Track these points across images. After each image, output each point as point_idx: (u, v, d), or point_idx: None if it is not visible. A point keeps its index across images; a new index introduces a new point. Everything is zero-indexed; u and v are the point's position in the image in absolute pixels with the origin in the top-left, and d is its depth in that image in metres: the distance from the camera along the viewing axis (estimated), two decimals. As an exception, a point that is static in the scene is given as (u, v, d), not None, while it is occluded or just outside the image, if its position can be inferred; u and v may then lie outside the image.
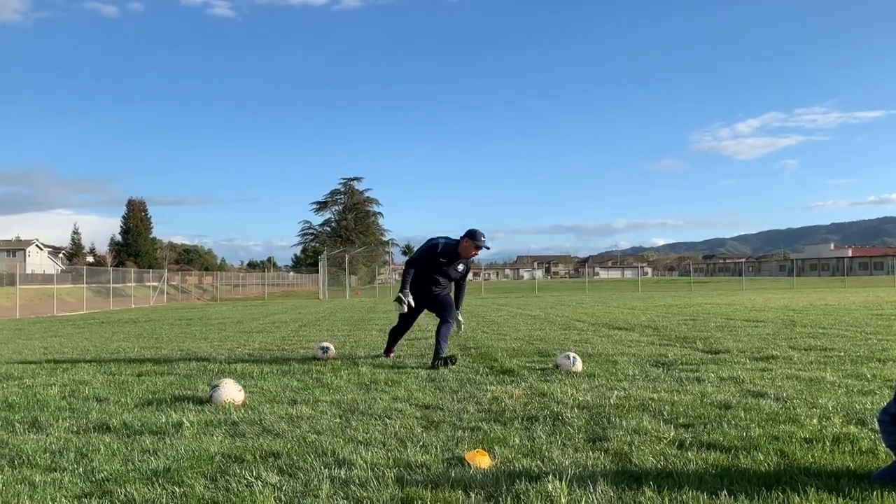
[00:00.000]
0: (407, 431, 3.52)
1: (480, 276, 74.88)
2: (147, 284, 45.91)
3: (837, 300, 17.48)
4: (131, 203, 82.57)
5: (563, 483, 2.57)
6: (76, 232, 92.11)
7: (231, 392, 4.39)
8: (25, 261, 72.03)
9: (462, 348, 7.37)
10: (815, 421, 3.52)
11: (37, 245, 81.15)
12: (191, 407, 4.29)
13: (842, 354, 6.21)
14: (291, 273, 78.84)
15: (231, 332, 10.94)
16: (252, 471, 2.86)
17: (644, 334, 8.77)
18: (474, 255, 6.29)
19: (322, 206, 74.89)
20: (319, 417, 3.93)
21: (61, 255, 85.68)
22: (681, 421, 3.61)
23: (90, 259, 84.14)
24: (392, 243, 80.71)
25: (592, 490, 2.51)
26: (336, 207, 75.17)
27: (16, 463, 3.11)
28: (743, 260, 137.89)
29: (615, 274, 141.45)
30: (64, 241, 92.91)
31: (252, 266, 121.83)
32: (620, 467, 2.82)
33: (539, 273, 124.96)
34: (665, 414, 3.79)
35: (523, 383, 4.94)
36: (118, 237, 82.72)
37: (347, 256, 42.36)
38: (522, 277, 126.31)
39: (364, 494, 2.54)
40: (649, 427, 3.46)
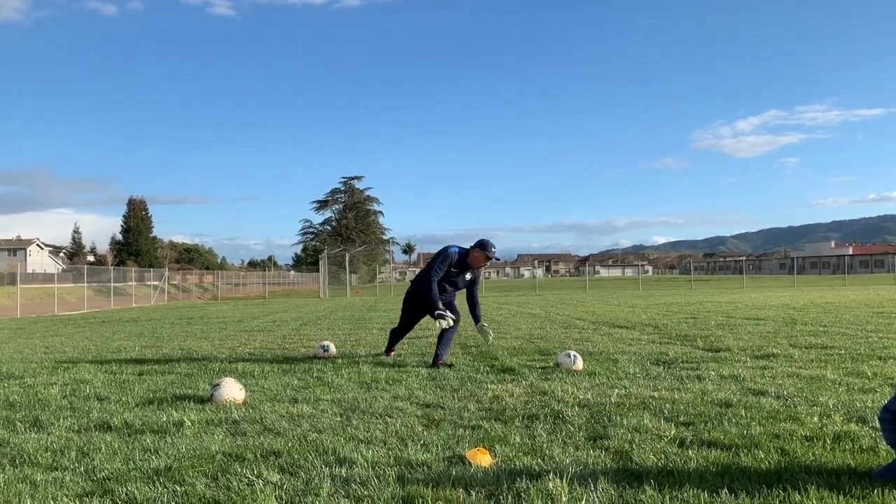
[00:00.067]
0: (408, 430, 3.53)
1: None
2: (148, 283, 45.91)
3: (838, 298, 17.47)
4: (132, 202, 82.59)
5: (564, 481, 2.57)
6: (77, 231, 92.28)
7: (232, 391, 4.40)
8: (26, 260, 72.09)
9: (462, 347, 7.38)
10: (816, 419, 3.53)
11: (37, 244, 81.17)
12: (192, 406, 4.29)
13: (842, 352, 6.21)
14: (292, 272, 78.79)
15: (232, 331, 10.95)
16: (253, 469, 2.87)
17: (645, 332, 8.77)
18: (483, 266, 6.28)
19: (322, 205, 74.95)
20: (320, 416, 3.94)
21: (62, 255, 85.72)
22: (681, 419, 3.61)
23: (91, 258, 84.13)
24: (392, 242, 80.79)
25: (593, 488, 2.51)
26: (336, 206, 75.20)
27: (17, 462, 3.12)
28: (743, 258, 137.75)
29: (616, 272, 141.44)
30: (64, 241, 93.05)
31: (253, 265, 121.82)
32: (621, 465, 2.82)
33: (539, 271, 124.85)
34: (666, 412, 3.79)
35: (524, 382, 4.95)
36: (119, 236, 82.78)
37: (348, 255, 42.36)
38: (523, 276, 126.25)
39: (365, 493, 2.55)
40: (650, 425, 3.47)
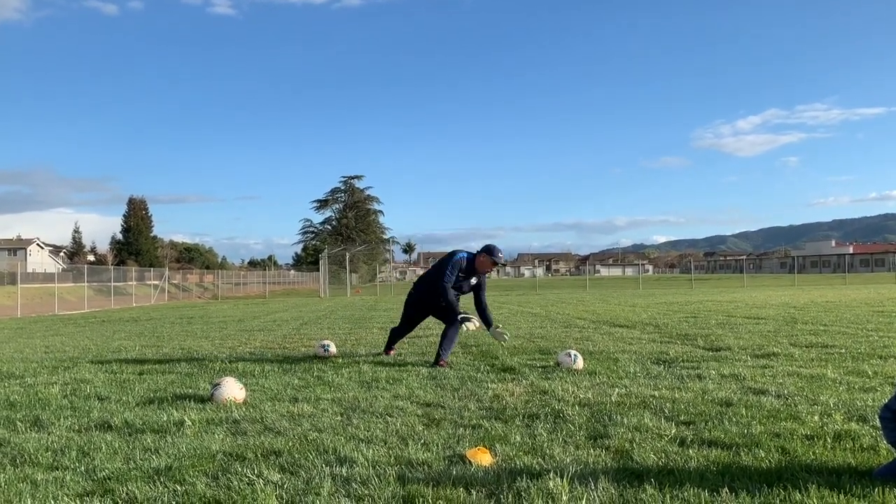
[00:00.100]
0: (408, 429, 3.53)
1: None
2: (148, 283, 45.92)
3: (838, 297, 17.47)
4: (132, 201, 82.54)
5: (565, 480, 2.57)
6: (77, 231, 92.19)
7: (232, 390, 4.40)
8: (26, 260, 72.14)
9: (463, 346, 7.37)
10: (817, 418, 3.52)
11: (38, 244, 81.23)
12: (192, 405, 4.29)
13: (843, 351, 6.21)
14: (292, 271, 78.75)
15: (232, 331, 10.95)
16: (254, 469, 2.87)
17: (645, 332, 8.77)
18: (490, 271, 6.27)
19: (323, 205, 74.90)
20: (321, 415, 3.94)
21: (62, 254, 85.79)
22: (682, 418, 3.61)
23: (91, 258, 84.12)
24: (392, 241, 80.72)
25: (594, 487, 2.51)
26: (337, 206, 75.14)
27: (18, 461, 3.12)
28: (744, 257, 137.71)
29: (616, 271, 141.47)
30: (65, 240, 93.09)
31: (253, 264, 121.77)
32: (621, 465, 2.82)
33: (540, 271, 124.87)
34: (666, 411, 3.79)
35: (524, 381, 4.95)
36: (119, 236, 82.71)
37: (348, 254, 42.36)
38: (523, 275, 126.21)
39: (365, 492, 2.55)
40: (650, 424, 3.47)
